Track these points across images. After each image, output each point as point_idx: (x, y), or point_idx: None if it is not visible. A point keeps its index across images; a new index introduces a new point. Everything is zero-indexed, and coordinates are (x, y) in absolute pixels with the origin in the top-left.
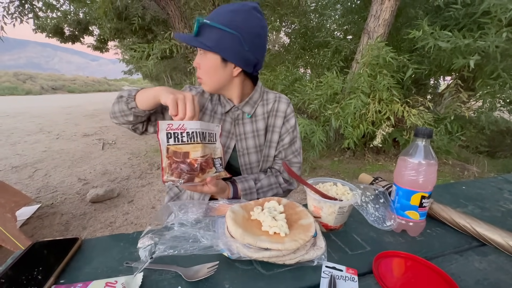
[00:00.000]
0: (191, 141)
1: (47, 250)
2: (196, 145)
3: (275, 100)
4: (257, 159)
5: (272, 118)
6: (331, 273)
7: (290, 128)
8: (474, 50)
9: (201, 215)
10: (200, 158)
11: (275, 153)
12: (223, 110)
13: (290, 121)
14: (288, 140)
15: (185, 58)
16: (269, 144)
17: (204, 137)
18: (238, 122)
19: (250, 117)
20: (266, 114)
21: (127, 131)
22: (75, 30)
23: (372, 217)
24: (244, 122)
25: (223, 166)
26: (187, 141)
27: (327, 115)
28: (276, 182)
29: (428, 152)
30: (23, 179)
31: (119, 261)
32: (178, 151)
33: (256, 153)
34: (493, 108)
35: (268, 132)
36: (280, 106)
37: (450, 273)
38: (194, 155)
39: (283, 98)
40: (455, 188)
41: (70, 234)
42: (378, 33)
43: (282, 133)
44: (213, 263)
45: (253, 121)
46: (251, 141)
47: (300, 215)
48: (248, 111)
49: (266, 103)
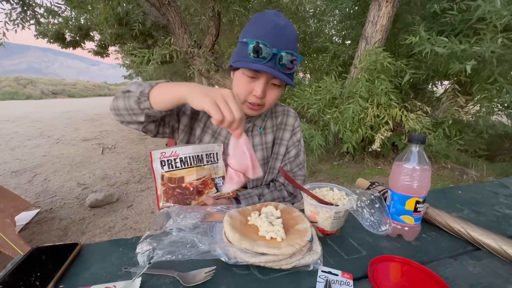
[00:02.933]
0: (185, 166)
1: (46, 256)
2: (190, 169)
3: (283, 114)
4: (264, 171)
5: (280, 131)
6: (327, 278)
7: (296, 142)
8: (470, 56)
9: (199, 221)
10: (196, 181)
11: (281, 165)
12: None
13: (297, 135)
14: (294, 153)
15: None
16: (276, 156)
17: (200, 160)
18: (248, 135)
19: (261, 130)
20: (275, 127)
21: (126, 135)
22: (76, 35)
23: (368, 222)
24: (254, 134)
25: None
26: (181, 166)
27: (326, 120)
28: (280, 197)
29: (422, 157)
30: (22, 184)
31: (117, 266)
32: (173, 177)
33: (264, 165)
34: (490, 112)
35: (276, 144)
36: (289, 120)
37: (444, 277)
38: (189, 179)
39: (291, 112)
40: (451, 193)
41: (69, 240)
42: (375, 38)
43: (288, 146)
44: (211, 268)
45: (262, 134)
46: (259, 153)
47: (296, 220)
48: (259, 124)
49: (275, 116)
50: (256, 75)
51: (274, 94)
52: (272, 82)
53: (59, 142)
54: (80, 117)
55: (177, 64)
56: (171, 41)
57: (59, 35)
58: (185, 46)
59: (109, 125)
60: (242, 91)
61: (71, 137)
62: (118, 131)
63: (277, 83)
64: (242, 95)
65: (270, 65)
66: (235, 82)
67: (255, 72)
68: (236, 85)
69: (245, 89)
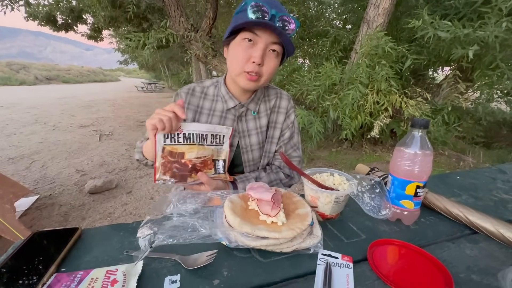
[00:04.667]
0: (187, 142)
1: (47, 240)
2: (192, 146)
3: (276, 97)
4: (260, 155)
5: (274, 114)
6: (327, 261)
7: (290, 124)
8: (473, 40)
9: (199, 206)
10: (195, 159)
11: (276, 148)
12: (225, 107)
13: (290, 117)
14: (288, 134)
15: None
16: (271, 140)
17: (204, 139)
18: (241, 119)
19: (255, 114)
20: (269, 110)
21: (124, 122)
22: (68, 18)
23: (368, 206)
24: (248, 119)
25: (225, 169)
26: (183, 141)
27: (325, 106)
28: (276, 179)
29: (424, 142)
30: (20, 171)
31: (119, 250)
32: (174, 151)
33: (259, 150)
34: (490, 99)
35: (270, 128)
36: (282, 103)
37: (442, 259)
38: (189, 155)
39: (284, 94)
40: (449, 178)
41: (70, 225)
42: (377, 22)
43: (283, 128)
44: (212, 251)
45: (256, 118)
46: (254, 138)
47: (297, 204)
48: (253, 108)
49: (268, 99)
50: (255, 39)
51: (273, 63)
52: (271, 48)
53: (56, 129)
54: (75, 103)
55: (173, 49)
56: (167, 24)
57: (50, 17)
58: (181, 29)
59: (106, 111)
60: (240, 58)
61: (67, 124)
62: (115, 118)
63: (277, 49)
64: (240, 63)
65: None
66: (231, 53)
67: (254, 36)
68: (233, 54)
69: (242, 56)
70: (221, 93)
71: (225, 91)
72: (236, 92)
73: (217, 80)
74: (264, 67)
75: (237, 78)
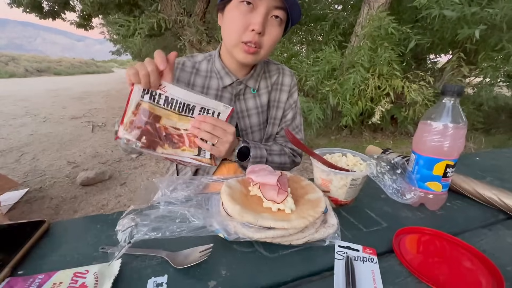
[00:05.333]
0: (167, 108)
1: (6, 235)
2: (172, 114)
3: (278, 72)
4: (260, 137)
5: (276, 92)
6: (346, 254)
7: (293, 103)
8: (480, 20)
9: (192, 193)
10: (173, 129)
11: (278, 130)
12: (221, 84)
13: (293, 96)
14: (291, 115)
15: (175, 36)
16: (273, 121)
17: (190, 110)
18: (239, 98)
19: (255, 92)
20: (270, 87)
21: (117, 113)
22: (54, 4)
23: (390, 189)
24: (246, 97)
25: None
26: (163, 105)
27: (325, 92)
28: (282, 149)
29: (457, 113)
30: (9, 163)
31: (94, 246)
32: (150, 111)
33: (260, 131)
34: (493, 82)
35: (272, 108)
36: (285, 80)
37: (482, 249)
38: (166, 122)
39: (287, 70)
40: (468, 160)
41: (60, 218)
42: (379, 2)
43: (285, 108)
44: (207, 246)
45: (256, 96)
46: (255, 118)
47: (306, 189)
48: (252, 85)
49: (269, 75)
50: (255, 2)
51: (275, 31)
52: (274, 13)
53: (47, 121)
54: (67, 95)
55: (167, 38)
56: (158, 8)
57: (35, 3)
58: (173, 14)
59: (99, 103)
60: (237, 26)
61: (59, 116)
62: (108, 109)
63: (280, 15)
64: (237, 32)
65: None
66: (226, 19)
67: None
68: (228, 21)
69: (240, 23)
70: (215, 69)
71: (221, 66)
72: (233, 67)
73: (210, 54)
74: (265, 36)
75: (233, 49)
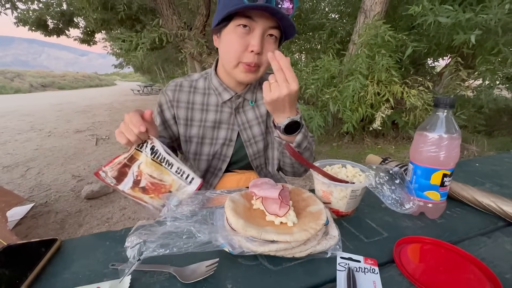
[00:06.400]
0: (151, 156)
1: (20, 254)
2: (153, 163)
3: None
4: (264, 146)
5: None
6: (348, 265)
7: None
8: (475, 25)
9: (197, 207)
10: (149, 176)
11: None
12: (220, 100)
13: None
14: None
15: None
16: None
17: (170, 165)
18: (239, 111)
19: (253, 104)
20: None
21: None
22: (59, 22)
23: (389, 200)
24: (245, 110)
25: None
26: (148, 153)
27: (325, 100)
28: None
29: (451, 124)
30: (15, 179)
31: (104, 263)
32: (132, 154)
33: (263, 140)
34: (492, 85)
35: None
36: None
37: (481, 257)
38: (144, 169)
39: None
40: (468, 166)
41: (66, 233)
42: (375, 11)
43: None
44: (212, 260)
45: (255, 107)
46: (256, 128)
47: (307, 201)
48: (250, 97)
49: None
50: (251, 25)
51: (271, 48)
52: (270, 32)
53: (51, 135)
54: (71, 109)
55: (168, 50)
56: (159, 23)
57: (40, 22)
58: (174, 28)
59: (102, 116)
60: (236, 48)
61: (63, 129)
62: (112, 122)
63: (275, 33)
64: (236, 53)
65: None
66: (224, 42)
67: (250, 21)
68: (227, 44)
69: (238, 46)
70: (213, 86)
71: (218, 83)
72: (231, 84)
73: (206, 72)
74: (263, 55)
75: (233, 71)
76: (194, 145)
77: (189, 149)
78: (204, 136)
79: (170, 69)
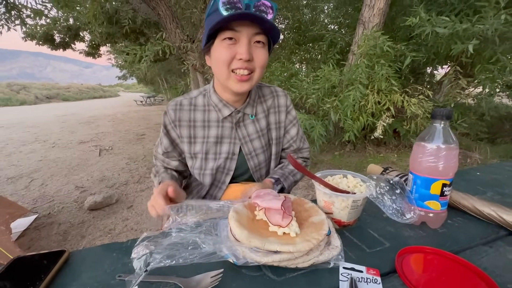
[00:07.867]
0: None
1: (29, 266)
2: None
3: (272, 96)
4: (265, 159)
5: (274, 115)
6: (350, 275)
7: (293, 119)
8: (472, 35)
9: (201, 218)
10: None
11: (285, 147)
12: (220, 116)
13: (291, 112)
14: (295, 131)
15: (179, 60)
16: (277, 141)
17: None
18: (240, 125)
19: (253, 118)
20: (267, 111)
21: (123, 136)
22: (65, 36)
23: (390, 210)
24: (246, 123)
25: None
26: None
27: (326, 109)
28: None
29: (448, 135)
30: (19, 190)
31: (111, 274)
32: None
33: (264, 153)
34: (492, 93)
35: (274, 129)
36: (280, 101)
37: (483, 267)
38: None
39: (279, 92)
40: (469, 175)
41: (69, 244)
42: (373, 22)
43: (286, 125)
44: (217, 271)
45: (255, 121)
46: (257, 142)
47: (310, 212)
48: (250, 112)
49: (264, 99)
50: (236, 36)
51: (261, 53)
52: (256, 39)
53: (55, 146)
54: (75, 120)
55: (171, 62)
56: (163, 36)
57: (47, 36)
58: (177, 41)
59: (106, 126)
60: (225, 58)
61: (67, 141)
62: (115, 132)
63: (261, 39)
64: (226, 64)
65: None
66: (214, 58)
67: (234, 33)
68: (216, 58)
69: (227, 55)
70: (212, 102)
71: (217, 99)
72: (230, 99)
73: (204, 88)
74: (255, 61)
75: (227, 82)
76: (199, 161)
77: (195, 165)
78: (208, 152)
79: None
